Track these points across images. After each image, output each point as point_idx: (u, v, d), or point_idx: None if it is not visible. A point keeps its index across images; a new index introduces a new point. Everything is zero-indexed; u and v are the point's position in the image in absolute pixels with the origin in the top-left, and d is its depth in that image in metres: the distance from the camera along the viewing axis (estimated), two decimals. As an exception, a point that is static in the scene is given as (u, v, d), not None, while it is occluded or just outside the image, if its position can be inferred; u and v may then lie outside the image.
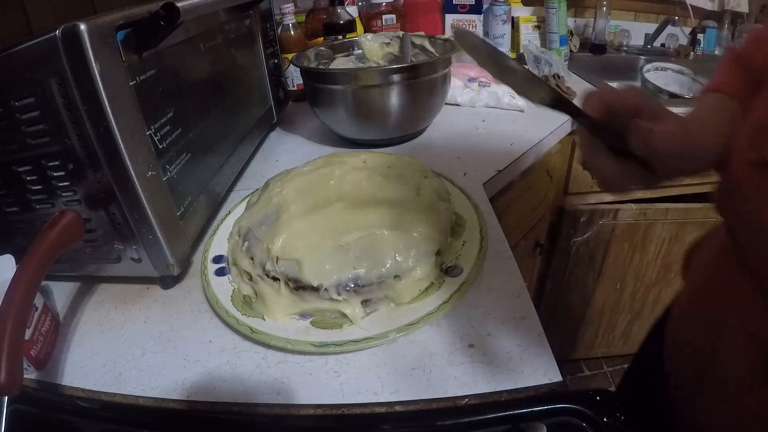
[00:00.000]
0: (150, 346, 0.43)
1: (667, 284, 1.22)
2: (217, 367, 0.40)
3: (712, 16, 1.39)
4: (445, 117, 0.88)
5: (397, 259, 0.43)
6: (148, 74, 0.44)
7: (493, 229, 0.53)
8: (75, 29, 0.35)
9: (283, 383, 0.38)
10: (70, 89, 0.37)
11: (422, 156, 0.70)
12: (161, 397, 0.38)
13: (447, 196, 0.54)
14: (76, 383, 0.40)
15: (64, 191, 0.43)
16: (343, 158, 0.57)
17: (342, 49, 0.89)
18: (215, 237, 0.54)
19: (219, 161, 0.61)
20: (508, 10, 1.20)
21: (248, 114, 0.73)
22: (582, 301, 1.24)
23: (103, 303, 0.49)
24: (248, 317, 0.43)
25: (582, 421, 0.33)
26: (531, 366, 0.37)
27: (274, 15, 0.82)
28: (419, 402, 0.36)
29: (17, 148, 0.41)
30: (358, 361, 0.39)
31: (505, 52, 0.30)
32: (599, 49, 1.32)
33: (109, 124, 0.38)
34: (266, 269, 0.45)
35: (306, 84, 0.77)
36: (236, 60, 0.69)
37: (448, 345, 0.40)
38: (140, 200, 0.42)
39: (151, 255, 0.46)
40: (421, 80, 0.71)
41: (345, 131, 0.78)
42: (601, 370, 1.47)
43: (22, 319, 0.35)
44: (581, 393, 0.35)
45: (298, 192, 0.51)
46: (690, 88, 1.16)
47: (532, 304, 0.43)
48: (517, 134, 0.80)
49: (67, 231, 0.41)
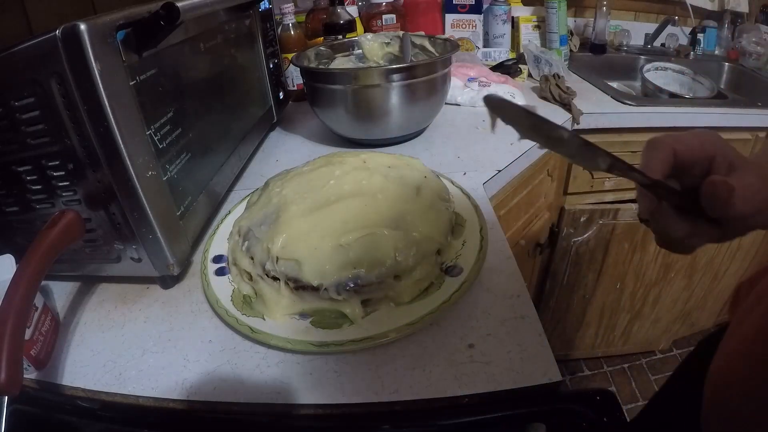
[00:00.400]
0: (150, 346, 0.43)
1: (667, 284, 1.22)
2: (217, 367, 0.40)
3: (712, 16, 1.39)
4: (445, 117, 0.88)
5: (397, 259, 0.43)
6: (148, 74, 0.44)
7: (493, 229, 0.53)
8: (75, 29, 0.35)
9: (283, 383, 0.38)
10: (70, 89, 0.37)
11: (422, 156, 0.70)
12: (161, 397, 0.38)
13: (447, 196, 0.54)
14: (76, 383, 0.40)
15: (64, 191, 0.43)
16: (343, 158, 0.57)
17: (342, 49, 0.89)
18: (215, 237, 0.54)
19: (219, 161, 0.61)
20: (508, 10, 1.20)
21: (248, 114, 0.73)
22: (582, 301, 1.24)
23: (103, 303, 0.49)
24: (248, 317, 0.43)
25: (582, 421, 0.33)
26: (531, 366, 0.37)
27: (274, 15, 0.82)
28: (419, 402, 0.36)
29: (17, 148, 0.41)
30: (358, 361, 0.39)
31: (549, 119, 0.28)
32: (599, 49, 1.32)
33: (109, 124, 0.38)
34: (266, 269, 0.45)
35: (306, 84, 0.77)
36: (236, 60, 0.69)
37: (448, 345, 0.40)
38: (140, 200, 0.42)
39: (151, 255, 0.46)
40: (421, 80, 0.71)
41: (345, 131, 0.78)
42: (601, 370, 1.47)
43: (22, 319, 0.35)
44: (581, 393, 0.35)
45: (298, 192, 0.51)
46: (690, 88, 1.16)
47: (532, 304, 0.43)
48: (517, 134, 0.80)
49: (67, 231, 0.41)
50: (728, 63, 1.32)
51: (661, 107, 0.98)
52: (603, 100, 1.01)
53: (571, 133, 0.26)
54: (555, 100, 0.95)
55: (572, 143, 0.26)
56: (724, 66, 1.32)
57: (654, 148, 0.29)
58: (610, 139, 0.98)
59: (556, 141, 0.27)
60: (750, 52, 1.27)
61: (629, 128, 0.97)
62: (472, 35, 1.25)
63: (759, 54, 1.25)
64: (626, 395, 1.38)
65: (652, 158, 0.29)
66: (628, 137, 0.99)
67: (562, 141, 0.26)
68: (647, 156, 0.29)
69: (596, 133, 0.97)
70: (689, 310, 1.33)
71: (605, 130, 0.97)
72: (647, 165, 0.29)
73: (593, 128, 0.96)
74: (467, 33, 1.25)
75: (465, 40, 1.22)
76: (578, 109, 0.92)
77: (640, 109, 0.97)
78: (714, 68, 1.32)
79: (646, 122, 0.97)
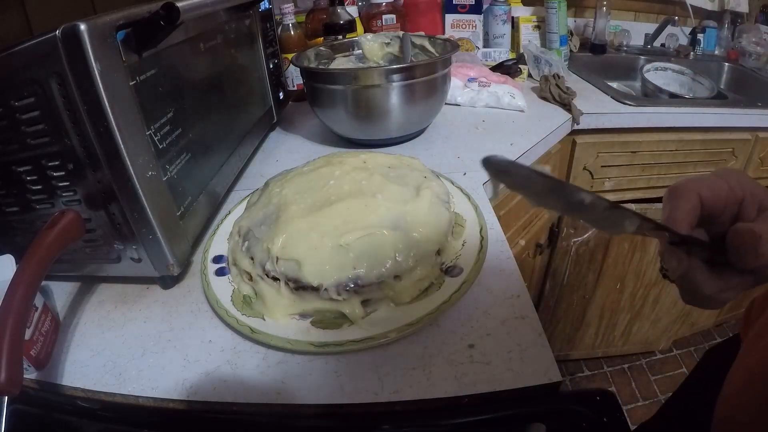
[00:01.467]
0: (150, 346, 0.43)
1: (667, 284, 1.21)
2: (217, 367, 0.40)
3: (712, 16, 1.40)
4: (445, 117, 0.88)
5: (397, 259, 0.43)
6: (148, 74, 0.44)
7: (493, 229, 0.53)
8: (75, 29, 0.35)
9: (283, 383, 0.38)
10: (70, 89, 0.37)
11: (422, 156, 0.70)
12: (161, 397, 0.38)
13: (447, 196, 0.54)
14: (76, 383, 0.40)
15: (64, 191, 0.43)
16: (343, 158, 0.57)
17: (342, 49, 0.89)
18: (215, 237, 0.54)
19: (219, 161, 0.61)
20: (508, 10, 1.20)
21: (248, 114, 0.73)
22: (582, 301, 1.24)
23: (103, 303, 0.49)
24: (248, 317, 0.43)
25: (582, 422, 0.33)
26: (531, 366, 0.37)
27: (274, 15, 0.82)
28: (419, 402, 0.36)
29: (17, 148, 0.41)
30: (358, 361, 0.39)
31: (565, 180, 0.23)
32: (599, 49, 1.32)
33: (109, 124, 0.38)
34: (266, 269, 0.45)
35: (306, 84, 0.77)
36: (236, 60, 0.69)
37: (448, 345, 0.40)
38: (140, 200, 0.42)
39: (151, 255, 0.46)
40: (421, 80, 0.71)
41: (345, 131, 0.78)
42: (601, 370, 1.47)
43: (22, 319, 0.35)
44: (581, 393, 0.35)
45: (298, 192, 0.51)
46: (690, 88, 1.16)
47: (532, 304, 0.43)
48: (517, 134, 0.80)
49: (67, 231, 0.41)
50: (728, 63, 1.32)
51: (661, 107, 0.98)
52: (603, 100, 1.01)
53: (594, 196, 0.23)
54: (555, 100, 0.96)
55: (597, 207, 0.23)
56: (724, 66, 1.32)
57: (678, 196, 0.26)
58: (610, 139, 0.99)
59: (578, 206, 0.23)
60: (750, 52, 1.27)
61: (629, 128, 0.97)
62: (472, 35, 1.25)
63: (759, 54, 1.25)
64: (626, 395, 1.38)
65: (677, 208, 0.26)
66: (627, 137, 0.99)
67: (585, 205, 0.23)
68: (672, 206, 0.26)
69: (596, 133, 0.97)
70: (689, 310, 1.32)
71: (605, 130, 0.97)
72: (672, 217, 0.26)
73: (593, 128, 0.96)
74: (467, 33, 1.25)
75: (465, 40, 1.22)
76: (578, 109, 0.92)
77: (640, 110, 0.97)
78: (714, 68, 1.32)
79: (646, 122, 0.97)
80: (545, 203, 0.24)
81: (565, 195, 0.23)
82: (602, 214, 0.23)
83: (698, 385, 0.45)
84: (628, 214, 0.24)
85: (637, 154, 1.01)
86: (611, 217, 0.24)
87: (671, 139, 1.00)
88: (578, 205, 0.23)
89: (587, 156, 1.00)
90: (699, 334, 1.53)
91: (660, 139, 1.00)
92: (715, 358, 0.44)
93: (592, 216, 0.24)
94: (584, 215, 0.24)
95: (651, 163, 1.03)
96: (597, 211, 0.23)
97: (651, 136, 0.99)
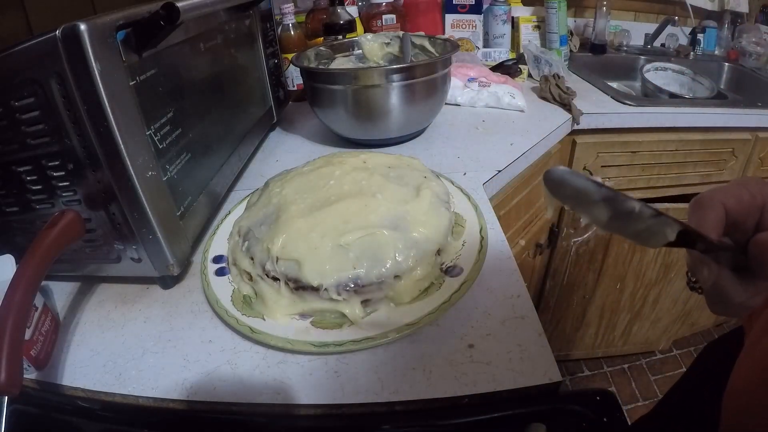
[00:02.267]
0: (150, 346, 0.43)
1: (667, 284, 1.22)
2: (217, 367, 0.40)
3: (712, 16, 1.40)
4: (445, 117, 0.88)
5: (397, 259, 0.43)
6: (148, 74, 0.44)
7: (493, 229, 0.53)
8: (75, 29, 0.35)
9: (283, 383, 0.38)
10: (70, 89, 0.37)
11: (422, 156, 0.70)
12: (161, 397, 0.38)
13: (447, 196, 0.54)
14: (76, 383, 0.40)
15: (64, 191, 0.43)
16: (343, 158, 0.57)
17: (342, 49, 0.89)
18: (215, 237, 0.54)
19: (219, 161, 0.61)
20: (508, 10, 1.20)
21: (248, 114, 0.73)
22: (582, 301, 1.24)
23: (103, 303, 0.49)
24: (248, 317, 0.43)
25: (582, 421, 0.33)
26: (531, 366, 0.37)
27: (274, 15, 0.82)
28: (419, 402, 0.36)
29: (17, 148, 0.41)
30: (358, 361, 0.39)
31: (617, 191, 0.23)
32: (599, 49, 1.32)
33: (109, 124, 0.38)
34: (266, 269, 0.45)
35: (306, 84, 0.77)
36: (236, 60, 0.69)
37: (448, 345, 0.40)
38: (140, 200, 0.42)
39: (151, 255, 0.46)
40: (421, 80, 0.71)
41: (345, 131, 0.78)
42: (601, 370, 1.47)
43: (22, 319, 0.35)
44: (581, 393, 0.35)
45: (298, 192, 0.51)
46: (690, 88, 1.16)
47: (532, 304, 0.43)
48: (517, 134, 0.80)
49: (67, 231, 0.41)
50: (728, 63, 1.32)
51: (661, 107, 0.98)
52: (603, 100, 1.01)
53: (642, 204, 0.23)
54: (555, 100, 0.96)
55: (643, 215, 0.23)
56: (724, 66, 1.32)
57: (704, 206, 0.26)
58: (610, 139, 0.99)
59: (626, 215, 0.23)
60: (750, 52, 1.27)
61: (629, 128, 0.97)
62: (472, 35, 1.25)
63: (759, 54, 1.25)
64: (626, 395, 1.38)
65: (705, 218, 0.26)
66: (627, 137, 0.99)
67: (633, 214, 0.23)
68: (698, 216, 0.26)
69: (596, 133, 0.97)
70: (689, 310, 1.33)
71: (605, 130, 0.97)
72: (700, 227, 0.26)
73: (593, 128, 0.96)
74: (467, 33, 1.25)
75: (465, 40, 1.22)
76: (578, 109, 0.92)
77: (640, 110, 0.97)
78: (714, 68, 1.32)
79: (646, 122, 0.97)
80: (592, 214, 0.24)
81: (616, 204, 0.23)
82: (647, 222, 0.23)
83: (696, 381, 0.45)
84: (670, 221, 0.23)
85: (637, 154, 1.01)
86: (654, 227, 0.24)
87: (671, 139, 1.00)
88: (626, 215, 0.23)
89: (587, 156, 1.00)
90: (699, 334, 1.53)
91: (660, 139, 1.00)
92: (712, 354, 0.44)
93: (635, 227, 0.24)
94: (628, 226, 0.24)
95: (651, 163, 1.03)
96: (642, 220, 0.23)
97: (651, 136, 0.99)
